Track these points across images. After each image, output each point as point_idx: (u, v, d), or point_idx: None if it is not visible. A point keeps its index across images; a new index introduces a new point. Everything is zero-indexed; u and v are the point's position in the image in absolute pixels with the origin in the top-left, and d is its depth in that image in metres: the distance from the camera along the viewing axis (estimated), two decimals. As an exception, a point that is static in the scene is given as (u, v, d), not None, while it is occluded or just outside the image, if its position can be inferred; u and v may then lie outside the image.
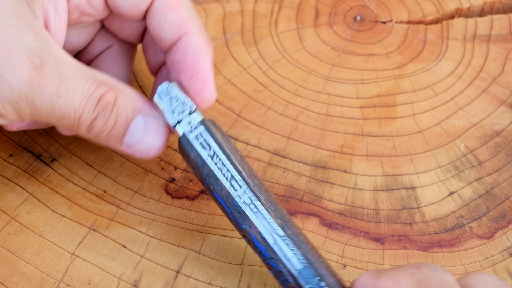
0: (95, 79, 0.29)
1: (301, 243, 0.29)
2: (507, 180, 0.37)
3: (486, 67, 0.43)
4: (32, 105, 0.27)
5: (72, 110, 0.28)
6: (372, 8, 0.47)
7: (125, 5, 0.32)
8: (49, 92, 0.27)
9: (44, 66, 0.27)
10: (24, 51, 0.26)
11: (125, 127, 0.30)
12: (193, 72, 0.32)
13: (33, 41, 0.27)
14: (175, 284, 0.32)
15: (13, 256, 0.33)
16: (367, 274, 0.27)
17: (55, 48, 0.28)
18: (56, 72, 0.27)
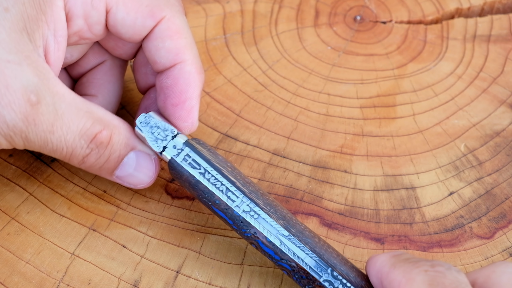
0: (91, 115, 0.29)
1: (307, 239, 0.30)
2: (507, 180, 0.37)
3: (486, 67, 0.43)
4: (25, 139, 0.28)
5: (64, 146, 0.29)
6: (372, 8, 0.47)
7: (127, 32, 0.32)
8: (43, 128, 0.28)
9: (40, 103, 0.27)
10: (21, 88, 0.27)
11: (117, 162, 0.31)
12: (180, 100, 0.32)
13: (31, 77, 0.27)
14: (175, 284, 0.32)
15: (13, 256, 0.33)
16: (384, 256, 0.28)
17: (53, 82, 0.28)
18: (52, 108, 0.28)
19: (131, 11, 0.31)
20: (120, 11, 0.31)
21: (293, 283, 0.33)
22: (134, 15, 0.31)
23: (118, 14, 0.31)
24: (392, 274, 0.26)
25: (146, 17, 0.32)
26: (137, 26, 0.32)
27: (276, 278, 0.33)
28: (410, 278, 0.25)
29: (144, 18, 0.32)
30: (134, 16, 0.31)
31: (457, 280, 0.24)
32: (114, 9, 0.31)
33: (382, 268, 0.27)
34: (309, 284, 0.29)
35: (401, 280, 0.25)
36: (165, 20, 0.32)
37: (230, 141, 0.39)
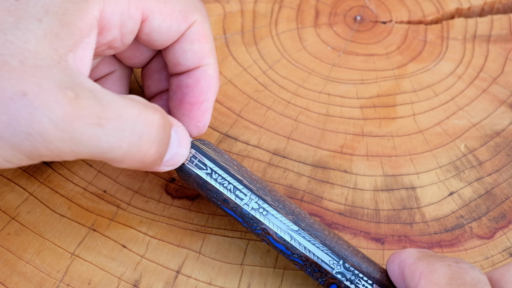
0: (138, 101, 0.27)
1: (317, 232, 0.30)
2: (507, 180, 0.37)
3: (486, 67, 0.43)
4: (72, 142, 0.24)
5: (121, 138, 0.26)
6: (372, 8, 0.47)
7: (161, 38, 0.31)
8: (89, 122, 0.24)
9: (79, 97, 0.24)
10: (55, 86, 0.24)
11: (167, 144, 0.29)
12: (199, 100, 0.33)
13: (63, 77, 0.25)
14: (175, 284, 0.32)
15: (13, 256, 0.33)
16: (411, 250, 0.28)
17: (87, 81, 0.26)
18: (94, 101, 0.25)
19: (166, 17, 0.31)
20: (156, 19, 0.30)
21: (293, 283, 0.33)
22: (169, 22, 0.31)
23: (154, 22, 0.30)
24: (416, 265, 0.27)
25: (181, 23, 0.31)
26: (171, 32, 0.31)
27: (276, 278, 0.33)
28: (432, 269, 0.26)
29: (179, 23, 0.31)
30: (170, 22, 0.31)
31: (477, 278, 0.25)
32: (150, 17, 0.30)
33: (407, 259, 0.28)
34: (322, 277, 0.30)
35: (424, 270, 0.26)
36: (196, 24, 0.32)
37: (230, 141, 0.39)
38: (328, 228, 0.31)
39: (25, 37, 0.25)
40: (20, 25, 0.25)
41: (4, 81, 0.24)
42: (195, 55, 0.32)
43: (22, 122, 0.24)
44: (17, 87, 0.24)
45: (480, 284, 0.25)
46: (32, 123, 0.24)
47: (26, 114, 0.24)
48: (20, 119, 0.24)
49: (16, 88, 0.24)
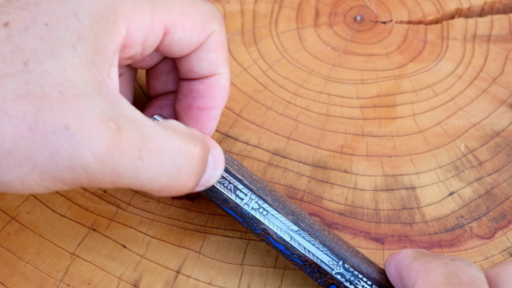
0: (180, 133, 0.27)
1: (317, 232, 0.30)
2: (507, 180, 0.37)
3: (486, 67, 0.43)
4: (112, 174, 0.24)
5: (161, 171, 0.25)
6: (372, 8, 0.47)
7: (180, 50, 0.31)
8: (131, 155, 0.24)
9: (122, 129, 0.24)
10: (97, 118, 0.24)
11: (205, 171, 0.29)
12: (209, 106, 0.33)
13: (105, 106, 0.24)
14: (175, 284, 0.32)
15: (13, 256, 0.33)
16: (408, 250, 0.28)
17: (128, 109, 0.25)
18: (136, 134, 0.25)
19: (187, 29, 0.30)
20: (178, 31, 0.30)
21: (293, 283, 0.33)
22: (190, 33, 0.31)
23: (175, 35, 0.30)
24: (412, 264, 0.27)
25: (201, 34, 0.31)
26: (191, 43, 0.31)
27: (276, 278, 0.33)
28: (429, 268, 0.26)
29: (199, 34, 0.31)
30: (190, 34, 0.31)
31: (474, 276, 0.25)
32: (172, 30, 0.30)
33: (404, 259, 0.28)
34: (321, 278, 0.30)
35: (420, 269, 0.26)
36: (215, 34, 0.32)
37: (230, 141, 0.39)
38: (328, 228, 0.31)
39: (62, 66, 0.24)
40: (55, 53, 0.24)
41: (46, 114, 0.23)
42: (211, 64, 0.32)
43: (65, 156, 0.23)
44: (59, 120, 0.23)
45: (477, 282, 0.25)
46: (74, 156, 0.23)
47: (68, 148, 0.23)
48: (63, 153, 0.23)
49: (58, 121, 0.23)
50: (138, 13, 0.28)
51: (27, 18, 0.25)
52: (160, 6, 0.29)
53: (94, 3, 0.26)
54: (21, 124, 0.23)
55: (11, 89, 0.23)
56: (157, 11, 0.29)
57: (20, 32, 0.25)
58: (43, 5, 0.26)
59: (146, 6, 0.28)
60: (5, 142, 0.23)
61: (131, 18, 0.27)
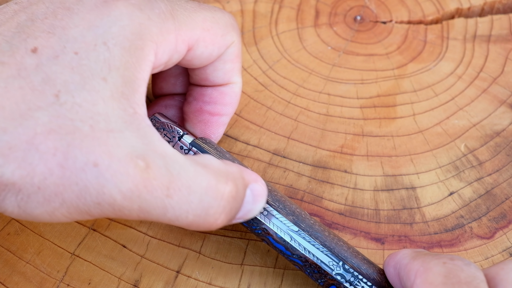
0: (210, 170, 0.26)
1: (317, 233, 0.30)
2: (507, 180, 0.37)
3: (486, 67, 0.43)
4: (140, 210, 0.25)
5: (189, 209, 0.25)
6: (372, 8, 0.47)
7: (201, 63, 0.31)
8: (158, 194, 0.24)
9: (150, 167, 0.24)
10: (127, 155, 0.24)
11: (240, 207, 0.28)
12: (220, 112, 0.33)
13: (135, 142, 0.24)
14: (175, 284, 0.32)
15: (13, 256, 0.33)
16: (406, 251, 0.28)
17: (159, 144, 0.25)
18: (165, 170, 0.25)
19: (209, 44, 0.30)
20: (200, 47, 0.30)
21: (293, 283, 0.33)
22: (211, 48, 0.30)
23: (197, 51, 0.30)
24: (411, 264, 0.27)
25: (221, 47, 0.31)
26: (212, 56, 0.31)
27: (276, 278, 0.33)
28: (427, 268, 0.26)
29: (220, 48, 0.31)
30: (212, 48, 0.30)
31: (473, 275, 0.25)
32: (195, 46, 0.30)
33: (402, 259, 0.28)
34: (321, 278, 0.30)
35: (419, 269, 0.26)
36: (233, 45, 0.32)
37: (230, 141, 0.39)
38: (328, 229, 0.31)
39: (93, 99, 0.24)
40: (86, 85, 0.24)
41: (76, 150, 0.23)
42: (226, 74, 0.32)
43: (93, 193, 0.24)
44: (89, 157, 0.23)
45: (476, 281, 0.25)
46: (102, 194, 0.24)
47: (97, 186, 0.23)
48: (91, 190, 0.23)
49: (88, 158, 0.23)
50: (164, 35, 0.27)
51: (56, 45, 0.25)
52: (184, 25, 0.28)
53: (122, 30, 0.26)
54: (51, 161, 0.23)
55: (42, 124, 0.23)
56: (181, 30, 0.28)
57: (50, 60, 0.24)
58: (72, 31, 0.25)
59: (171, 27, 0.28)
60: (35, 178, 0.23)
61: (157, 42, 0.27)
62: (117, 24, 0.26)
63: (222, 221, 0.27)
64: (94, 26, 0.25)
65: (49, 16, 0.26)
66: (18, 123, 0.23)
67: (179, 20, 0.28)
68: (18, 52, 0.24)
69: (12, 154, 0.23)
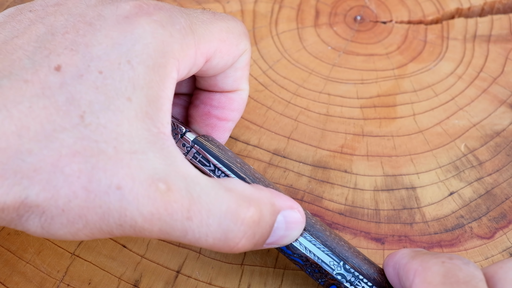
0: (232, 193, 0.26)
1: (319, 232, 0.30)
2: (507, 180, 0.37)
3: (486, 67, 0.43)
4: (160, 232, 0.25)
5: (208, 232, 0.25)
6: (372, 8, 0.47)
7: (215, 72, 0.31)
8: (179, 216, 0.25)
9: (171, 189, 0.24)
10: (148, 178, 0.24)
11: (269, 233, 0.28)
12: (226, 118, 0.33)
13: (157, 164, 0.24)
14: (175, 284, 0.32)
15: (13, 256, 0.33)
16: (405, 250, 0.28)
17: (182, 165, 0.25)
18: (185, 193, 0.25)
19: (224, 55, 0.30)
20: (216, 58, 0.30)
21: (293, 283, 0.33)
22: (227, 58, 0.31)
23: (213, 61, 0.30)
24: (410, 264, 0.27)
25: (236, 56, 0.31)
26: (227, 66, 0.31)
27: (276, 278, 0.33)
28: (426, 267, 0.26)
29: (234, 57, 0.31)
30: (227, 58, 0.31)
31: (472, 274, 0.25)
32: (212, 58, 0.30)
33: (401, 259, 0.28)
34: (322, 278, 0.30)
35: (418, 268, 0.26)
36: (245, 54, 0.32)
37: (230, 141, 0.39)
38: (329, 228, 0.31)
39: (118, 120, 0.24)
40: (111, 105, 0.24)
41: (100, 173, 0.23)
42: (235, 81, 0.32)
43: (116, 215, 0.24)
44: (113, 180, 0.23)
45: (474, 280, 0.25)
46: (124, 216, 0.24)
47: (119, 208, 0.24)
48: (114, 212, 0.24)
49: (111, 181, 0.23)
50: (185, 51, 0.27)
51: (80, 63, 0.24)
52: (203, 38, 0.28)
53: (146, 48, 0.25)
54: (76, 184, 0.23)
55: (67, 145, 0.23)
56: (200, 44, 0.28)
57: (74, 79, 0.24)
58: (95, 49, 0.25)
59: (191, 42, 0.27)
60: (60, 200, 0.23)
61: (179, 58, 0.27)
62: (140, 42, 0.25)
63: (243, 245, 0.27)
64: (118, 44, 0.25)
65: (70, 31, 0.25)
66: (43, 145, 0.23)
67: (198, 33, 0.28)
68: (42, 70, 0.24)
69: (37, 176, 0.23)
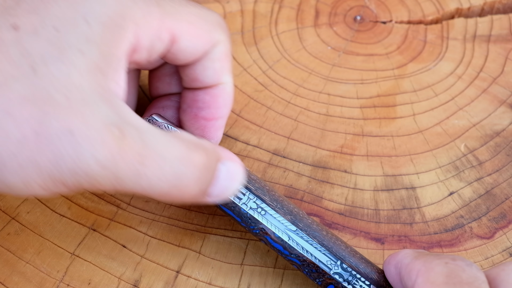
0: (181, 141, 0.27)
1: (315, 232, 0.30)
2: (507, 180, 0.37)
3: (486, 67, 0.43)
4: (115, 179, 0.25)
5: (163, 178, 0.26)
6: (372, 8, 0.47)
7: (185, 58, 0.31)
8: (133, 162, 0.25)
9: (125, 135, 0.25)
10: (101, 123, 0.24)
11: (212, 180, 0.29)
12: (214, 116, 0.33)
13: (109, 112, 0.25)
14: (175, 284, 0.32)
15: (13, 256, 0.33)
16: (407, 251, 0.28)
17: (132, 116, 0.26)
18: (139, 140, 0.25)
19: (193, 38, 0.30)
20: (184, 40, 0.30)
21: (293, 283, 0.33)
22: (196, 42, 0.31)
23: (181, 43, 0.30)
24: (413, 264, 0.27)
25: (206, 43, 0.31)
26: (197, 52, 0.31)
27: (276, 278, 0.33)
28: (429, 267, 0.26)
29: (205, 43, 0.31)
30: (196, 43, 0.31)
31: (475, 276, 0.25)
32: (179, 39, 0.30)
33: (404, 259, 0.28)
34: (319, 277, 0.30)
35: (420, 269, 0.26)
36: (221, 44, 0.32)
37: (230, 141, 0.39)
38: (326, 228, 0.31)
39: (69, 71, 0.24)
40: (62, 57, 0.25)
41: (51, 118, 0.23)
42: (215, 73, 0.32)
43: (68, 160, 0.24)
44: (64, 124, 0.23)
45: (477, 282, 0.25)
46: (77, 161, 0.24)
47: (72, 153, 0.24)
48: (66, 157, 0.24)
49: (63, 125, 0.23)
50: (147, 19, 0.28)
51: (36, 21, 0.25)
52: (169, 15, 0.29)
53: (104, 8, 0.26)
54: (26, 127, 0.23)
55: (18, 92, 0.24)
56: (166, 19, 0.29)
57: (29, 35, 0.25)
58: (53, 9, 0.26)
59: (156, 13, 0.28)
60: (11, 144, 0.23)
61: (139, 24, 0.27)
62: (100, 4, 0.26)
63: (195, 191, 0.27)
64: (77, 3, 0.26)
65: None
66: None
67: (165, 9, 0.29)
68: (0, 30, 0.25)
69: None
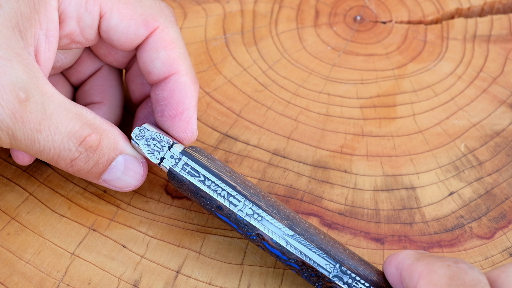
0: (80, 118, 0.29)
1: (313, 236, 0.30)
2: (507, 180, 0.37)
3: (486, 67, 0.43)
4: (12, 137, 0.27)
5: (51, 146, 0.28)
6: (372, 8, 0.47)
7: (119, 39, 0.32)
8: (31, 126, 0.27)
9: (29, 100, 0.27)
10: (10, 84, 0.26)
11: (105, 166, 0.31)
12: (178, 111, 0.32)
13: (21, 74, 0.27)
14: (175, 284, 0.32)
15: (13, 256, 0.33)
16: (409, 251, 0.28)
17: (42, 82, 0.28)
18: (40, 107, 0.27)
19: (124, 18, 0.31)
20: (114, 17, 0.31)
21: (293, 283, 0.33)
22: (127, 22, 0.31)
23: (111, 20, 0.31)
24: (415, 265, 0.27)
25: (139, 26, 0.32)
26: (129, 34, 0.32)
27: (276, 278, 0.33)
28: (432, 270, 0.26)
29: (138, 26, 0.31)
30: (128, 23, 0.31)
31: (477, 279, 0.25)
32: (108, 14, 0.31)
33: (405, 260, 0.28)
34: (319, 281, 0.30)
35: (423, 271, 0.26)
36: (159, 31, 0.32)
37: (230, 141, 0.39)
38: (323, 232, 0.31)
39: None
40: None
41: None
42: (164, 63, 0.32)
43: None
44: None
45: (480, 284, 0.25)
46: None
47: None
48: None
49: None
50: None
51: None
52: None
53: None
54: None
55: None
56: None
57: None
58: None
59: None
60: None
61: None
62: None
63: (78, 166, 0.30)
64: None
65: None
66: None
67: None
68: None
69: None
